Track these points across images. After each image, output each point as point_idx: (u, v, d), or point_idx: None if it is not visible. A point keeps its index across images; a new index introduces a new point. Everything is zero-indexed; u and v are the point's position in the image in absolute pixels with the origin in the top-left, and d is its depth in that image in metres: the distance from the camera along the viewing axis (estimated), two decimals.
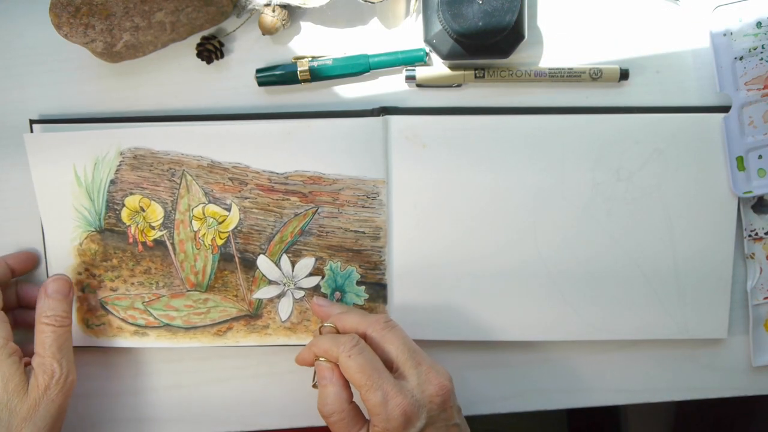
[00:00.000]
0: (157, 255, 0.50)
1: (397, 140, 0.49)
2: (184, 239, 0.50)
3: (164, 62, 0.51)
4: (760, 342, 0.53)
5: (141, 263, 0.50)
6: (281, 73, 0.50)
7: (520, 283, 0.51)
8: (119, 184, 0.50)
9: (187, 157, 0.49)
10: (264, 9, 0.48)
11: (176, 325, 0.50)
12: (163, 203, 0.50)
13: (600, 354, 0.53)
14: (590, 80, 0.50)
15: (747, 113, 0.50)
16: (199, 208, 0.50)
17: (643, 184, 0.50)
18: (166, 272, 0.50)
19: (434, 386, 0.43)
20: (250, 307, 0.51)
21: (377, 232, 0.50)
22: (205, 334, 0.51)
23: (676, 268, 0.51)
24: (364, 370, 0.42)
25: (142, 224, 0.50)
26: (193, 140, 0.49)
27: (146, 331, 0.51)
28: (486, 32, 0.46)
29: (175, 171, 0.49)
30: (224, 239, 0.50)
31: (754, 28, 0.49)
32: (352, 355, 0.43)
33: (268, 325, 0.51)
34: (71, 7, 0.44)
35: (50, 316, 0.47)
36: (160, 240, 0.50)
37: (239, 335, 0.51)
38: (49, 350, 0.46)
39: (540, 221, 0.50)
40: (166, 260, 0.50)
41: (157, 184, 0.50)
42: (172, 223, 0.50)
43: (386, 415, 0.41)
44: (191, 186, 0.49)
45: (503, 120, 0.49)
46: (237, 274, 0.50)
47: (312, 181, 0.49)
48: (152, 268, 0.50)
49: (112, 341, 0.51)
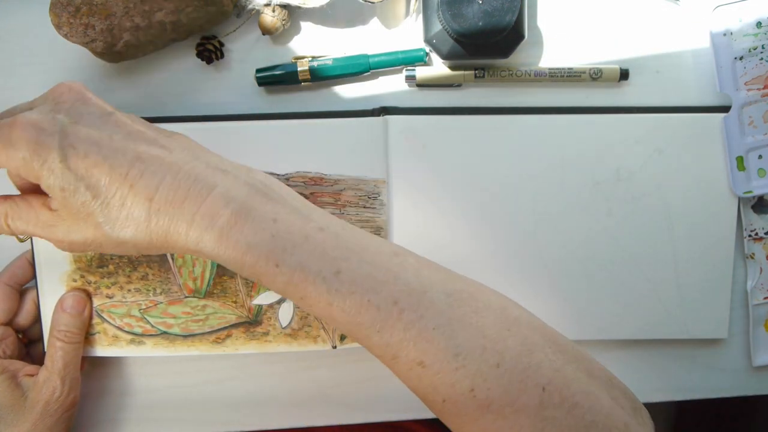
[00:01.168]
0: (155, 260, 0.49)
1: (397, 140, 0.49)
2: None
3: (164, 62, 0.51)
4: (760, 342, 0.53)
5: (138, 269, 0.49)
6: (281, 73, 0.50)
7: (519, 282, 0.51)
8: None
9: None
10: (264, 9, 0.48)
11: (174, 332, 0.50)
12: None
13: (600, 354, 0.53)
14: (590, 80, 0.50)
15: (747, 113, 0.50)
16: None
17: (643, 183, 0.50)
18: (164, 278, 0.49)
19: (55, 91, 0.39)
20: (249, 314, 0.50)
21: (378, 232, 0.50)
22: (204, 341, 0.50)
23: (676, 268, 0.51)
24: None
25: None
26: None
27: (143, 340, 0.50)
28: (486, 32, 0.46)
29: None
30: None
31: (754, 28, 0.49)
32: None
33: (268, 332, 0.50)
34: (71, 7, 0.44)
35: (62, 331, 0.47)
36: None
37: (238, 342, 0.50)
38: (56, 366, 0.46)
39: (540, 221, 0.50)
40: (163, 266, 0.49)
41: None
42: None
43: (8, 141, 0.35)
44: None
45: (503, 120, 0.49)
46: (236, 279, 0.50)
47: (314, 181, 0.49)
48: (149, 274, 0.49)
49: (107, 351, 0.50)
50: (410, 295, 0.36)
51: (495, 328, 0.37)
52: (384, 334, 0.36)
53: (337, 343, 0.50)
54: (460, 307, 0.37)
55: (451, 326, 0.36)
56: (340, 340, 0.50)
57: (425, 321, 0.36)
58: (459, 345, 0.36)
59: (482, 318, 0.37)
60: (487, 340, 0.36)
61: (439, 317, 0.36)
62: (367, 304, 0.36)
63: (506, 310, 0.38)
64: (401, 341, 0.36)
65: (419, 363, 0.36)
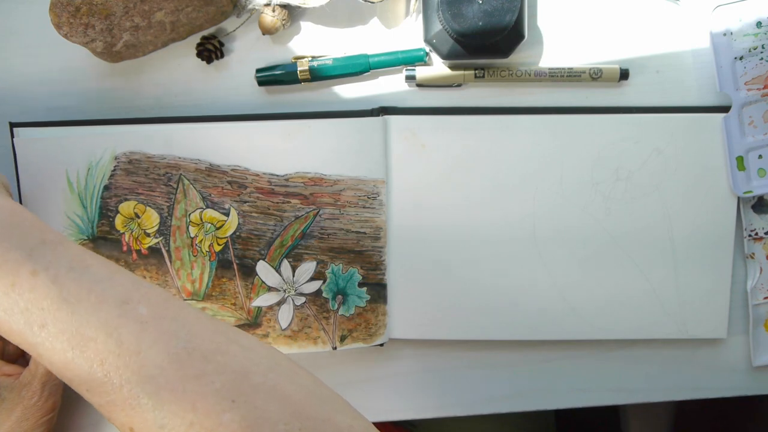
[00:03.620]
0: (152, 263, 0.49)
1: (397, 140, 0.49)
2: (180, 246, 0.49)
3: (164, 62, 0.51)
4: (760, 342, 0.53)
5: (135, 272, 0.49)
6: (281, 73, 0.50)
7: (519, 282, 0.51)
8: (113, 190, 0.49)
9: (184, 161, 0.48)
10: (264, 9, 0.48)
11: None
12: (158, 209, 0.49)
13: (599, 353, 0.53)
14: (590, 80, 0.50)
15: (747, 113, 0.50)
16: (197, 213, 0.49)
17: (642, 183, 0.50)
18: (162, 281, 0.49)
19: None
20: (248, 316, 0.50)
21: (377, 232, 0.50)
22: None
23: (675, 268, 0.51)
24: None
25: (136, 231, 0.49)
26: (191, 142, 0.48)
27: None
28: (486, 32, 0.46)
29: (171, 175, 0.48)
30: (222, 245, 0.49)
31: (754, 27, 0.49)
32: None
33: (268, 334, 0.50)
34: (71, 7, 0.44)
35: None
36: (156, 247, 0.49)
37: None
38: (39, 370, 0.45)
39: (539, 221, 0.50)
40: (161, 268, 0.49)
41: (152, 189, 0.49)
42: (168, 229, 0.49)
43: None
44: (188, 190, 0.49)
45: (503, 120, 0.49)
46: (235, 281, 0.49)
47: (313, 182, 0.49)
48: (147, 277, 0.49)
49: None
50: (119, 357, 0.32)
51: (214, 398, 0.31)
52: (93, 396, 0.32)
53: (337, 344, 0.50)
54: (180, 369, 0.32)
55: (158, 395, 0.31)
56: (340, 342, 0.50)
57: (131, 386, 0.32)
58: (164, 417, 0.31)
59: (203, 385, 0.31)
60: (196, 414, 0.31)
61: (148, 383, 0.31)
62: (71, 362, 0.32)
63: (248, 376, 0.32)
64: (109, 403, 0.32)
65: (130, 428, 0.32)
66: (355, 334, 0.50)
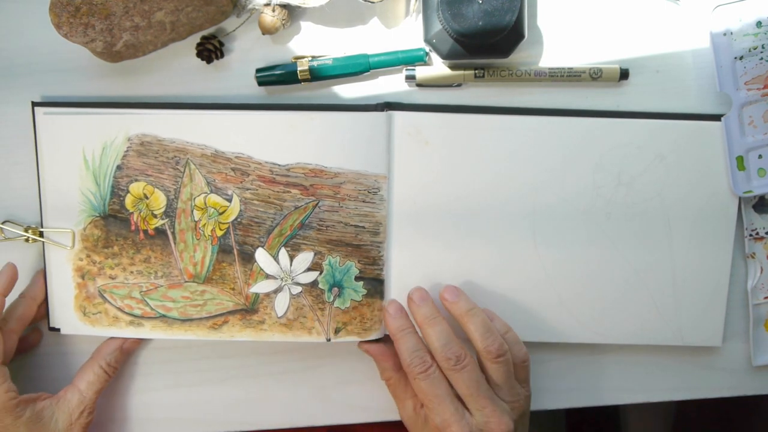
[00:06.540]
0: (158, 244, 0.50)
1: (400, 136, 0.49)
2: (184, 229, 0.50)
3: (164, 62, 0.51)
4: (760, 342, 0.53)
5: (141, 251, 0.50)
6: (281, 73, 0.50)
7: (517, 283, 0.51)
8: (125, 170, 0.50)
9: (191, 146, 0.49)
10: (264, 9, 0.48)
11: (172, 316, 0.50)
12: (166, 191, 0.50)
13: (599, 354, 0.53)
14: (590, 80, 0.50)
15: (747, 113, 0.50)
16: (201, 197, 0.50)
17: (643, 189, 0.50)
18: (165, 262, 0.50)
19: (495, 424, 0.44)
20: (246, 301, 0.50)
21: (377, 227, 0.50)
22: (201, 326, 0.50)
23: (673, 275, 0.51)
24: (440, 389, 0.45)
25: (144, 212, 0.50)
26: (199, 128, 0.49)
27: (142, 322, 0.50)
28: (486, 32, 0.46)
29: (179, 159, 0.49)
30: (224, 230, 0.50)
31: (754, 27, 0.49)
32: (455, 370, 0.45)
33: (264, 321, 0.51)
34: (71, 7, 0.44)
35: (109, 363, 0.50)
36: (162, 229, 0.50)
37: (234, 330, 0.50)
38: (89, 391, 0.49)
39: (540, 222, 0.50)
40: (165, 250, 0.50)
41: (161, 171, 0.50)
42: (174, 211, 0.50)
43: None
44: (194, 175, 0.50)
45: (506, 120, 0.49)
46: (235, 266, 0.50)
47: (314, 173, 0.49)
48: (152, 257, 0.50)
49: (107, 331, 0.51)
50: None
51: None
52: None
53: (331, 336, 0.50)
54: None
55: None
56: (334, 333, 0.50)
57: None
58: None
59: None
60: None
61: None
62: None
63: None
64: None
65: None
66: (349, 327, 0.50)
